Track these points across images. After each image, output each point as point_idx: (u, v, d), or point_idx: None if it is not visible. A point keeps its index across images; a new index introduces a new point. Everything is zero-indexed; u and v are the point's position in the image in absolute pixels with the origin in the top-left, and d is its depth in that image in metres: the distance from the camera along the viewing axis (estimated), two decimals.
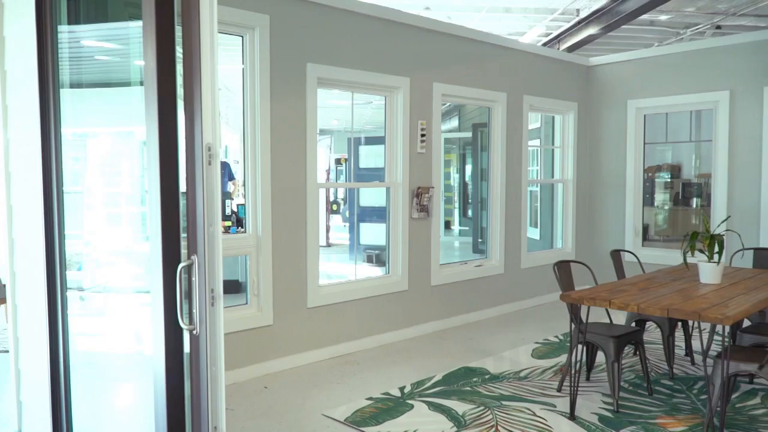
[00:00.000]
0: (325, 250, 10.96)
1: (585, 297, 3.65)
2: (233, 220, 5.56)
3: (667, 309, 3.30)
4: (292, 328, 4.76)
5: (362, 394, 4.13)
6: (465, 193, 12.94)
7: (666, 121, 7.59)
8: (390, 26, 5.36)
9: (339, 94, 5.99)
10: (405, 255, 5.58)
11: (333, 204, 12.02)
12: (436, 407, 3.87)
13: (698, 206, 8.61)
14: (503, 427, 3.54)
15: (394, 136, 5.52)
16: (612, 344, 3.80)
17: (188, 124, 2.00)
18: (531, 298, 6.98)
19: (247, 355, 4.49)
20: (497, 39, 6.48)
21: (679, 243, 7.60)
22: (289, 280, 4.73)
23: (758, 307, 3.38)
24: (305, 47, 4.75)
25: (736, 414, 3.71)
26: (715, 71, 6.64)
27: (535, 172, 8.02)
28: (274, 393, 4.19)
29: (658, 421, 3.63)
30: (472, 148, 10.65)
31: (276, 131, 4.59)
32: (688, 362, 4.75)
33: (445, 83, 5.85)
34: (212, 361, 2.02)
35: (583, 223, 7.70)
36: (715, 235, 3.96)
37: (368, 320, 5.30)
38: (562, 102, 7.32)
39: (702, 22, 9.53)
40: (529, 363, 4.81)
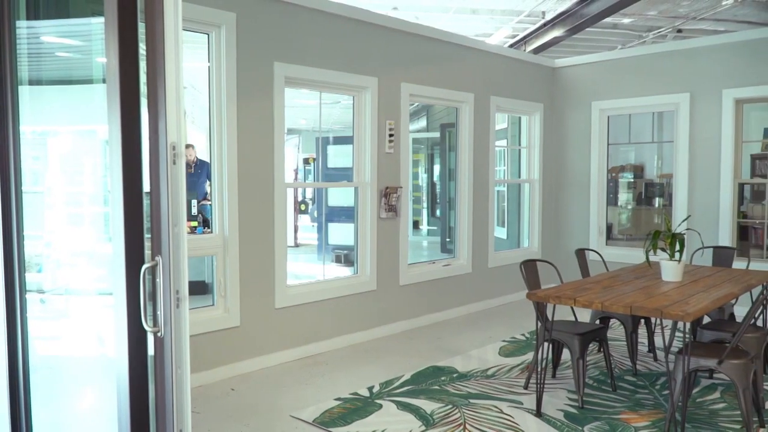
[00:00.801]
0: (293, 250, 10.89)
1: (550, 295, 3.70)
2: (199, 220, 5.49)
3: (630, 306, 3.37)
4: (259, 329, 4.72)
5: (331, 394, 4.12)
6: (433, 192, 13.00)
7: (629, 122, 7.75)
8: (358, 26, 5.35)
9: (307, 94, 5.96)
10: (373, 255, 5.58)
11: (301, 204, 11.95)
12: (405, 406, 3.88)
13: (660, 206, 8.81)
14: (471, 425, 3.57)
15: (362, 135, 5.52)
16: (577, 342, 3.87)
17: (152, 123, 1.96)
18: (498, 297, 7.05)
19: (213, 357, 4.43)
20: (465, 40, 6.53)
21: (641, 242, 7.77)
22: (256, 281, 4.69)
23: (717, 304, 3.47)
24: (273, 46, 4.71)
25: (697, 408, 3.81)
26: (676, 74, 6.80)
27: (502, 172, 8.10)
28: (241, 395, 4.15)
29: (621, 416, 3.70)
30: (440, 148, 10.71)
31: (243, 130, 4.55)
32: (651, 358, 4.85)
33: (413, 83, 5.87)
34: (177, 363, 1.98)
35: (548, 223, 7.81)
36: (676, 234, 4.05)
37: (337, 320, 5.29)
38: (528, 103, 7.41)
39: (664, 25, 9.75)
40: (497, 361, 4.86)
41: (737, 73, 6.37)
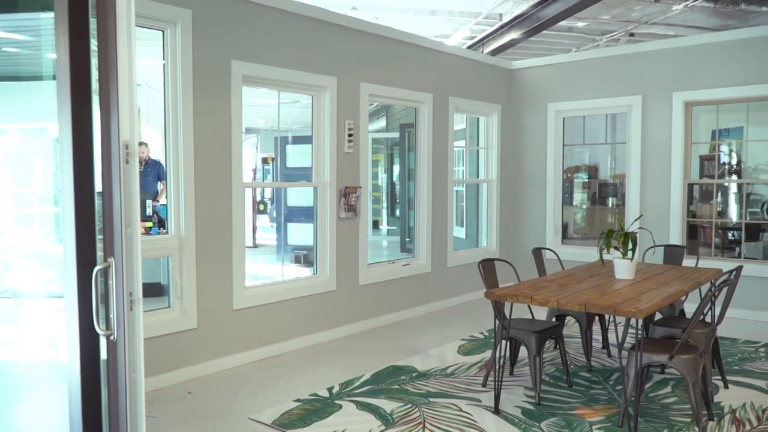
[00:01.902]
0: (252, 250, 10.78)
1: (508, 294, 3.76)
2: (154, 220, 5.38)
3: (584, 304, 3.44)
4: (217, 331, 4.65)
5: (290, 395, 4.09)
6: (393, 192, 13.04)
7: (583, 123, 7.92)
8: (317, 25, 5.33)
9: (265, 93, 5.91)
10: (333, 255, 5.56)
11: (260, 204, 11.83)
12: (365, 406, 3.88)
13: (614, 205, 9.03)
14: (430, 424, 3.60)
15: (321, 135, 5.50)
16: (534, 339, 3.93)
17: (104, 121, 1.91)
18: (457, 296, 7.12)
19: (169, 360, 4.35)
20: (424, 41, 6.57)
21: (596, 240, 7.97)
22: (213, 282, 4.62)
23: (668, 301, 3.58)
24: (230, 44, 4.65)
25: (649, 403, 3.92)
26: (628, 77, 6.99)
27: (460, 172, 8.18)
28: (198, 398, 4.08)
29: (577, 412, 3.78)
30: (399, 148, 10.75)
31: (199, 129, 4.47)
32: (605, 354, 4.97)
33: (372, 83, 5.88)
34: (131, 367, 1.94)
35: (506, 222, 7.93)
36: (628, 233, 4.16)
37: (296, 321, 5.25)
38: (486, 104, 7.51)
39: (617, 29, 10.01)
40: (456, 360, 4.90)
41: (687, 77, 6.59)
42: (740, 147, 7.52)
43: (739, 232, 7.19)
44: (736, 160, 8.18)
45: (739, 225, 7.25)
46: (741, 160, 7.56)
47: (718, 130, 7.20)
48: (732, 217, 8.25)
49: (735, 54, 6.30)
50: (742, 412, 3.75)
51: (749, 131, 6.68)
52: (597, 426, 3.55)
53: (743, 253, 6.96)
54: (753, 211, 8.13)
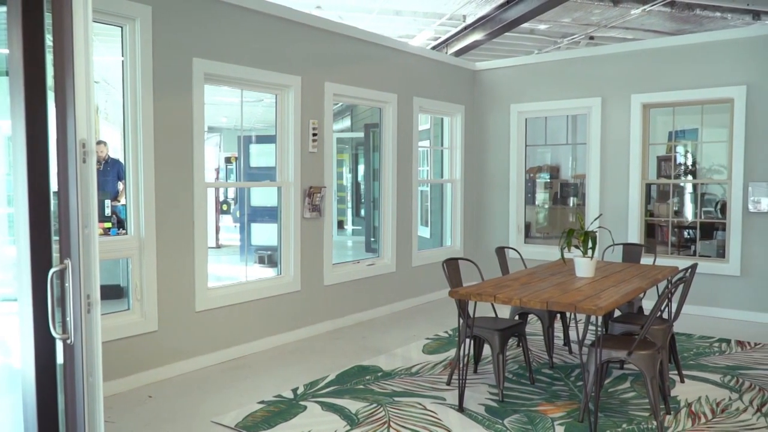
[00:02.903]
0: (215, 251, 10.63)
1: (472, 293, 3.79)
2: (114, 221, 5.26)
3: (546, 302, 3.50)
4: (178, 334, 4.57)
5: (254, 397, 4.05)
6: (357, 192, 13.03)
7: (545, 124, 8.04)
8: (281, 24, 5.28)
9: (228, 91, 5.83)
10: (297, 255, 5.53)
11: (223, 204, 11.68)
12: (329, 407, 3.87)
13: (575, 205, 9.20)
14: (395, 423, 3.60)
15: (285, 135, 5.45)
16: (497, 337, 3.97)
17: (60, 118, 1.86)
18: (422, 296, 7.15)
19: (129, 364, 4.25)
20: (388, 41, 6.58)
21: (557, 239, 8.10)
22: (175, 284, 4.54)
23: (627, 298, 3.66)
24: (191, 41, 4.58)
25: (609, 398, 4.00)
26: (588, 79, 7.13)
27: (425, 172, 8.22)
28: (159, 402, 4.01)
29: (539, 408, 3.83)
30: (364, 148, 10.75)
31: (160, 128, 4.39)
32: (566, 351, 5.06)
33: (336, 83, 5.86)
34: (89, 371, 1.89)
35: (470, 222, 8.00)
36: (588, 232, 4.24)
37: (260, 322, 5.20)
38: (450, 104, 7.56)
39: (577, 32, 10.20)
40: (420, 359, 4.92)
41: (644, 79, 6.75)
42: (695, 148, 7.73)
43: (695, 230, 7.40)
44: (691, 161, 8.42)
45: (695, 224, 7.46)
46: (696, 160, 7.78)
47: (675, 132, 7.40)
48: (688, 216, 8.49)
49: (690, 58, 6.48)
50: (697, 406, 3.85)
51: (704, 133, 6.88)
52: (559, 422, 3.61)
53: (698, 251, 7.16)
54: (707, 210, 8.38)
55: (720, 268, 6.37)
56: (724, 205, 6.74)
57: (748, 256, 6.22)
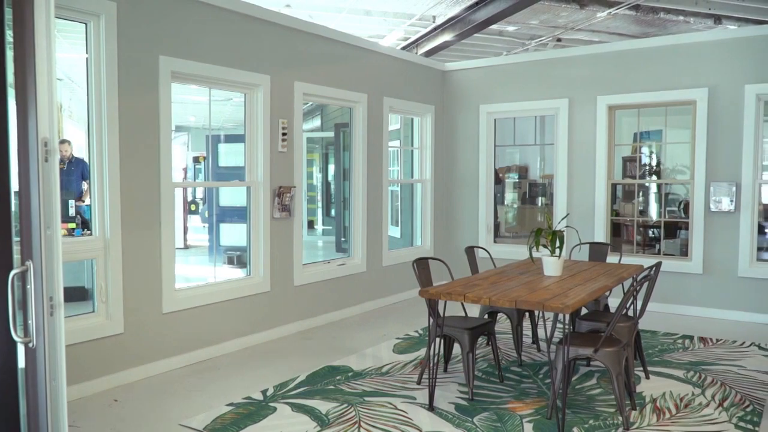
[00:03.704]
0: (183, 252, 10.49)
1: (442, 292, 3.81)
2: (78, 221, 5.15)
3: (515, 301, 3.53)
4: (145, 336, 4.50)
5: (223, 400, 4.00)
6: (328, 192, 12.99)
7: (514, 125, 8.13)
8: (250, 22, 5.24)
9: (196, 90, 5.76)
10: (266, 256, 5.49)
11: (191, 204, 11.53)
12: (300, 408, 3.85)
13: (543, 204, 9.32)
14: (366, 423, 3.60)
15: (254, 134, 5.41)
16: (467, 336, 4.00)
17: (21, 117, 1.82)
18: (392, 295, 7.16)
19: (94, 367, 4.17)
20: (358, 41, 6.58)
21: (526, 239, 8.20)
22: (141, 285, 4.46)
23: (593, 296, 3.72)
24: (158, 39, 4.51)
25: (576, 395, 4.06)
26: (556, 80, 7.22)
27: (395, 172, 8.24)
28: (125, 406, 3.93)
29: (508, 405, 3.87)
30: (334, 148, 10.72)
31: (126, 126, 4.31)
32: (535, 349, 5.12)
33: (306, 82, 5.83)
34: (52, 375, 1.85)
35: (440, 222, 8.04)
36: (556, 232, 4.30)
37: (229, 323, 5.15)
38: (420, 105, 7.59)
39: (545, 34, 10.33)
40: (391, 358, 4.93)
41: (610, 81, 6.87)
42: (659, 149, 7.91)
43: (659, 229, 7.56)
44: (655, 162, 8.60)
45: (659, 223, 7.62)
46: (660, 161, 7.95)
47: (639, 133, 7.55)
48: (652, 215, 8.67)
49: (654, 60, 6.62)
50: (662, 401, 3.94)
51: (667, 134, 7.03)
52: (527, 419, 3.65)
53: (662, 250, 7.32)
54: (671, 210, 8.58)
55: (683, 266, 6.52)
56: (687, 205, 6.90)
57: (710, 254, 6.38)
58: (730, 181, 6.22)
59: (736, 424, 3.58)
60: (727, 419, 3.65)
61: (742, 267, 6.21)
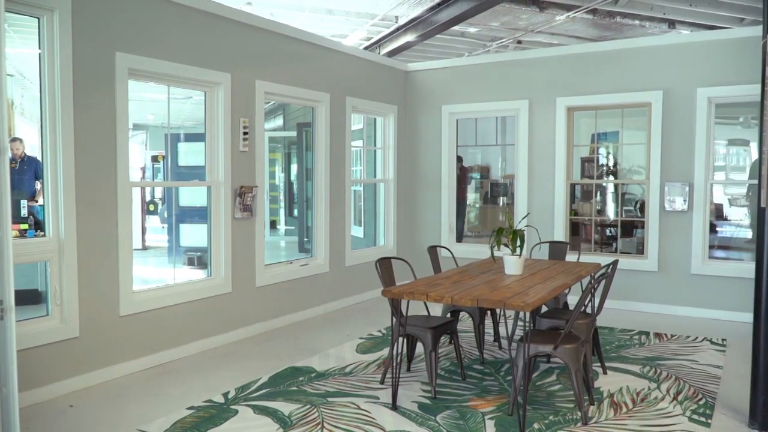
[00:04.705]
0: (141, 253, 10.28)
1: (404, 291, 3.82)
2: (30, 222, 4.99)
3: (477, 299, 3.57)
4: (102, 340, 4.39)
5: (183, 403, 3.94)
6: (290, 192, 12.90)
7: (476, 125, 8.22)
8: (210, 19, 5.16)
9: (155, 87, 5.65)
10: (228, 256, 5.42)
11: (149, 204, 11.31)
12: (262, 410, 3.81)
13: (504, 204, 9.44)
14: (329, 423, 3.59)
15: (214, 133, 5.33)
16: (429, 335, 4.02)
17: None
18: (356, 295, 7.15)
19: (48, 372, 4.05)
20: (321, 40, 6.55)
21: (488, 238, 8.29)
22: (97, 288, 4.36)
23: (553, 294, 3.78)
24: (114, 35, 4.40)
25: (536, 391, 4.12)
26: (516, 82, 7.32)
27: (358, 171, 8.23)
28: (81, 411, 3.83)
29: (470, 403, 3.91)
30: (297, 148, 10.65)
31: (81, 124, 4.20)
32: (497, 347, 5.18)
33: (268, 81, 5.78)
34: (3, 380, 1.79)
35: (403, 221, 8.06)
36: (517, 231, 4.36)
37: (189, 325, 5.07)
38: (383, 105, 7.60)
39: (506, 36, 10.46)
40: (354, 358, 4.92)
41: (569, 83, 7.00)
42: (616, 150, 8.09)
43: (616, 228, 7.74)
44: (612, 162, 8.80)
45: (616, 222, 7.80)
46: (617, 161, 8.14)
47: (597, 134, 7.72)
48: (609, 214, 8.87)
49: (612, 63, 6.77)
50: (619, 396, 4.03)
51: (624, 135, 7.20)
52: (489, 416, 3.69)
53: (619, 248, 7.49)
54: (628, 209, 8.79)
55: (639, 264, 6.68)
56: (643, 204, 7.09)
57: (665, 252, 6.56)
58: (684, 181, 6.41)
59: (689, 417, 3.69)
60: (681, 412, 3.76)
61: (695, 264, 6.40)
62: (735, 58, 6.14)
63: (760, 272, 3.49)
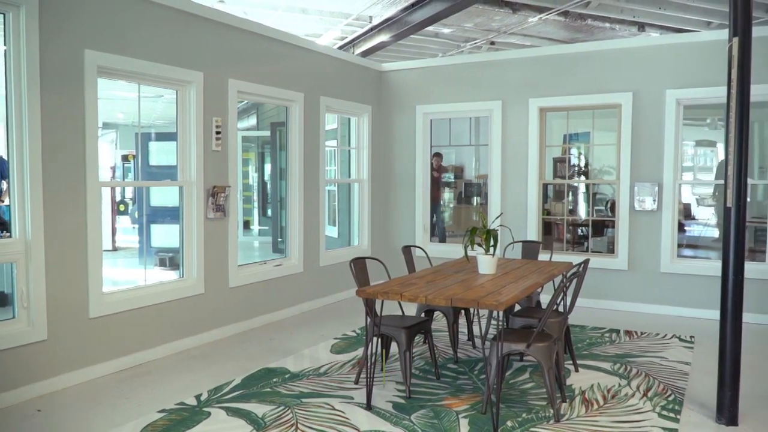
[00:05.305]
0: (111, 254, 10.11)
1: (379, 291, 3.82)
2: None
3: (450, 299, 3.58)
4: (71, 342, 4.30)
5: (154, 406, 3.88)
6: (264, 192, 12.81)
7: (449, 126, 8.25)
8: (181, 17, 5.10)
9: (126, 86, 5.56)
10: (200, 257, 5.35)
11: (120, 204, 11.12)
12: (235, 412, 3.77)
13: (478, 204, 9.50)
14: (303, 424, 3.57)
15: (186, 132, 5.27)
16: (403, 335, 4.03)
17: None
18: (330, 295, 7.13)
19: (14, 376, 3.95)
20: (295, 39, 6.51)
21: (462, 238, 8.32)
22: (66, 289, 4.27)
23: (526, 293, 3.82)
24: (84, 32, 4.32)
25: (510, 389, 4.16)
26: (489, 82, 7.37)
27: (332, 171, 8.21)
28: (49, 416, 3.75)
29: (444, 402, 3.92)
30: (270, 147, 10.58)
31: (48, 123, 4.11)
32: (470, 346, 5.21)
33: (241, 80, 5.73)
34: None
35: (378, 221, 8.06)
36: (490, 230, 4.39)
37: (161, 327, 4.99)
38: (357, 104, 7.59)
39: (479, 37, 10.53)
40: (328, 359, 4.91)
41: (541, 84, 7.07)
42: (587, 150, 8.20)
43: (587, 228, 7.84)
44: (584, 163, 8.91)
45: (587, 222, 7.90)
46: (588, 162, 8.25)
47: (569, 135, 7.81)
48: (581, 214, 8.98)
49: (583, 65, 6.86)
50: (590, 393, 4.09)
51: (595, 136, 7.30)
52: (463, 414, 3.71)
53: (590, 248, 7.59)
54: (599, 209, 8.91)
55: (610, 263, 6.78)
56: (614, 204, 7.19)
57: (634, 251, 6.67)
58: (653, 181, 6.52)
59: (659, 413, 3.75)
60: (651, 408, 3.82)
61: (664, 263, 6.52)
62: (702, 61, 6.27)
63: (726, 270, 3.57)
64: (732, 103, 3.50)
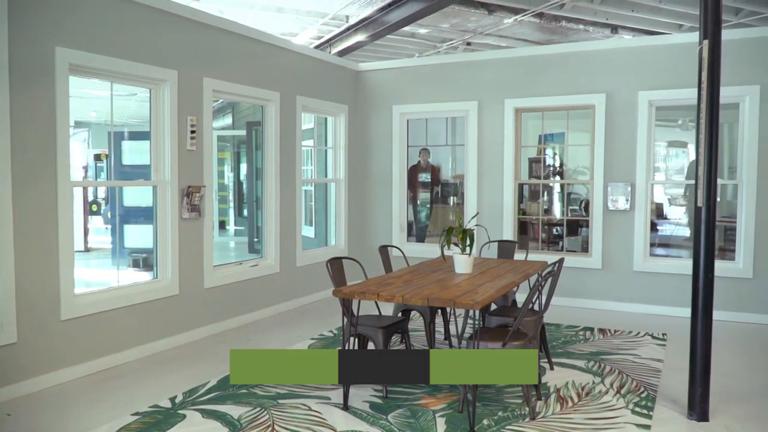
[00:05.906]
0: (84, 255, 9.94)
1: (355, 291, 3.82)
2: None
3: (427, 298, 3.59)
4: (41, 345, 4.22)
5: (128, 409, 3.82)
6: (240, 192, 12.71)
7: (426, 126, 8.27)
8: (155, 14, 5.03)
9: (98, 84, 5.47)
10: (175, 258, 5.29)
11: (92, 204, 10.94)
12: (211, 414, 3.74)
13: (454, 204, 9.54)
14: (280, 426, 3.55)
15: (160, 131, 5.20)
16: (380, 334, 4.03)
17: None
18: (307, 295, 7.10)
19: None
20: (271, 38, 6.48)
21: (438, 237, 8.35)
22: (37, 291, 4.19)
23: (502, 292, 3.85)
24: (54, 29, 4.24)
25: (486, 388, 4.18)
26: (465, 83, 7.41)
27: (309, 171, 8.18)
28: (20, 420, 3.68)
29: (421, 401, 3.93)
30: (246, 147, 10.50)
31: (17, 122, 4.03)
32: (447, 345, 5.23)
33: (216, 79, 5.68)
34: None
35: (354, 221, 8.05)
36: (466, 230, 4.41)
37: (135, 329, 4.93)
38: (334, 104, 7.57)
39: (455, 38, 10.58)
40: None
41: (516, 85, 7.13)
42: (562, 150, 8.28)
43: (562, 227, 7.93)
44: (559, 163, 9.01)
45: (562, 221, 7.98)
46: (563, 162, 8.33)
47: (544, 135, 7.88)
48: (556, 214, 9.07)
49: (557, 66, 6.93)
50: (565, 391, 4.13)
51: (569, 136, 7.38)
52: (440, 413, 3.73)
53: (565, 247, 7.68)
54: (573, 208, 9.02)
55: (584, 261, 6.87)
56: (588, 204, 7.28)
57: (608, 250, 6.76)
58: (626, 181, 6.62)
59: (632, 409, 3.81)
60: (624, 405, 3.88)
61: (637, 262, 6.62)
62: (674, 63, 6.38)
63: (697, 269, 3.64)
64: (702, 104, 3.57)
